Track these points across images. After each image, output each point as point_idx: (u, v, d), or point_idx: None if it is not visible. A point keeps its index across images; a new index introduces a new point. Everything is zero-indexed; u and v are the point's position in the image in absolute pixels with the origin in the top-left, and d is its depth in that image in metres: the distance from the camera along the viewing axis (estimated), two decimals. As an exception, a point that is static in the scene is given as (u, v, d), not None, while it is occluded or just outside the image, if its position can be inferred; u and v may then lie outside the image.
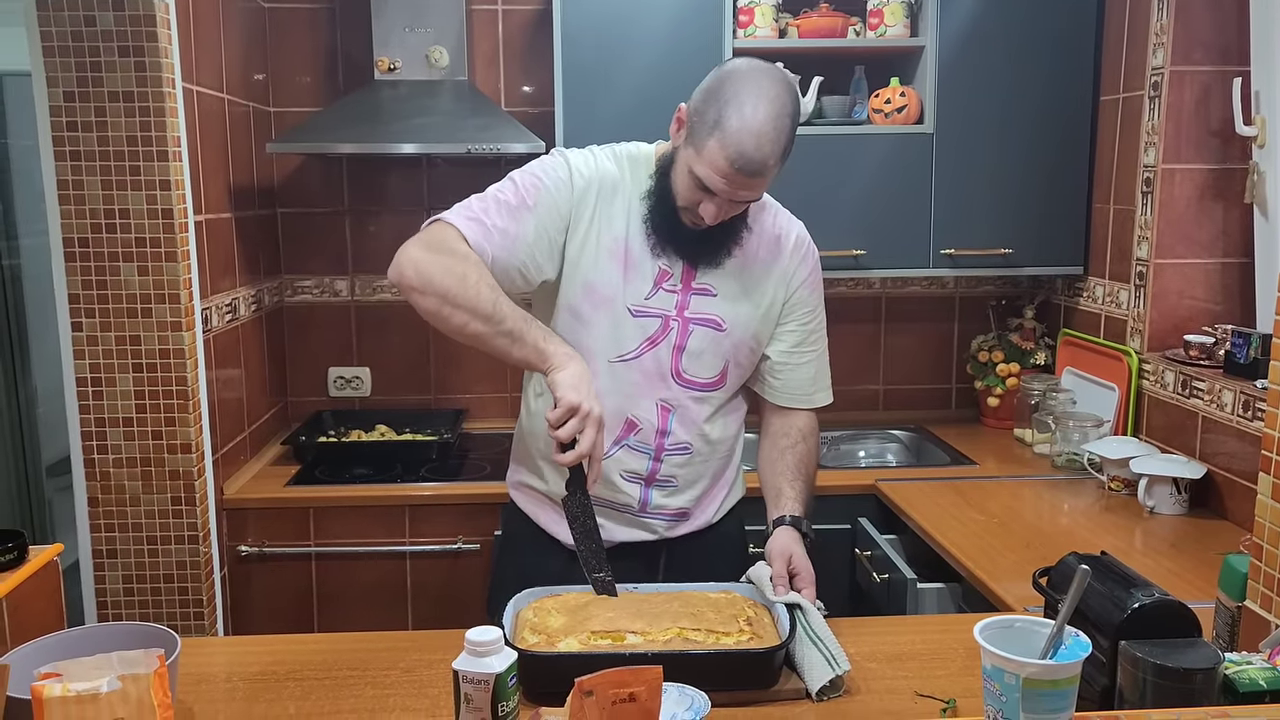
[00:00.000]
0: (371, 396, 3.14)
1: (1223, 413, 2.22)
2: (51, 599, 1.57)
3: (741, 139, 1.45)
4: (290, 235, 3.08)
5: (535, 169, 1.64)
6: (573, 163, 1.64)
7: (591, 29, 2.65)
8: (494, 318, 1.49)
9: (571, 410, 1.45)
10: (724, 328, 1.66)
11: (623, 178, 1.65)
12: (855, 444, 3.05)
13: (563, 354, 1.50)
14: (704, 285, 1.66)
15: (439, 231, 1.55)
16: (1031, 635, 1.14)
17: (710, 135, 1.47)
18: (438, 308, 1.50)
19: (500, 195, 1.61)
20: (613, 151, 1.68)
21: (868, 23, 2.78)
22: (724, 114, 1.46)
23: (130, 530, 2.30)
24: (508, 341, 1.50)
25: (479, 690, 1.19)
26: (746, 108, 1.46)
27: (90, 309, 2.22)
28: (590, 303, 1.63)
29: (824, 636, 1.43)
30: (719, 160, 1.47)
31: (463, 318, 1.49)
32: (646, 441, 1.68)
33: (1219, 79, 2.40)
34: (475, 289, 1.48)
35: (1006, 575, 1.90)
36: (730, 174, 1.48)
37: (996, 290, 3.17)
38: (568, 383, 1.47)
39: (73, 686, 1.06)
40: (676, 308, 1.65)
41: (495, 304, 1.49)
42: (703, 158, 1.49)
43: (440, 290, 1.49)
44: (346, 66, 3.01)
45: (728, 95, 1.47)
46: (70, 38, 2.14)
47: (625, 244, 1.63)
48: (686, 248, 1.63)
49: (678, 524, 1.76)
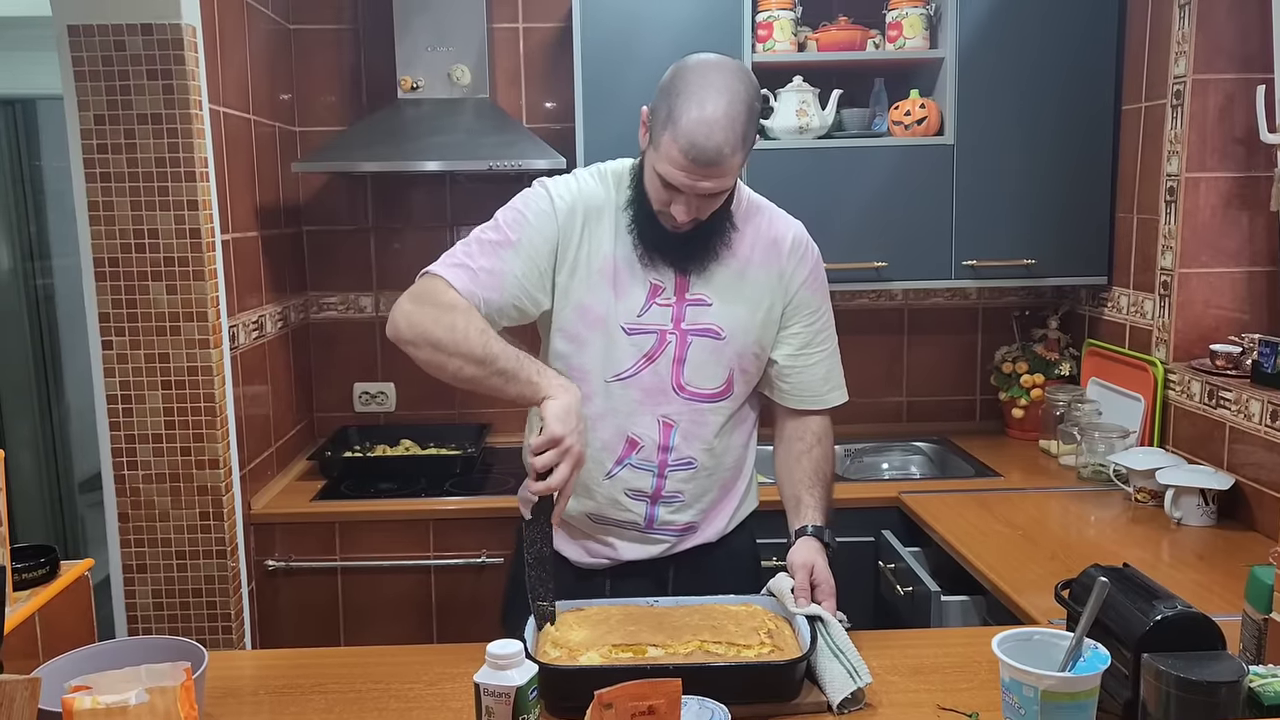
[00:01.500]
0: (396, 412, 3.17)
1: (1250, 423, 2.20)
2: (83, 613, 1.59)
3: (692, 129, 1.46)
4: (315, 253, 3.12)
5: (517, 203, 1.66)
6: (553, 191, 1.65)
7: (611, 46, 2.67)
8: (486, 360, 1.51)
9: (554, 441, 1.44)
10: (723, 336, 1.66)
11: (608, 195, 1.65)
12: (879, 456, 3.04)
13: (556, 385, 1.50)
14: (699, 295, 1.65)
15: (428, 284, 1.58)
16: (1051, 648, 1.14)
17: (664, 130, 1.49)
18: (431, 356, 1.53)
19: (483, 236, 1.63)
20: (597, 170, 1.69)
21: (886, 35, 2.79)
22: (674, 108, 1.48)
23: (160, 545, 2.33)
24: (502, 380, 1.52)
25: (500, 703, 1.20)
26: (693, 100, 1.47)
27: (120, 327, 2.26)
28: (584, 324, 1.64)
29: (845, 649, 1.43)
30: (674, 153, 1.48)
31: (456, 364, 1.52)
32: (649, 459, 1.67)
33: (1242, 87, 2.38)
34: (464, 334, 1.51)
35: (1031, 588, 1.88)
36: (687, 166, 1.48)
37: (1020, 301, 3.16)
38: (556, 413, 1.46)
39: (102, 699, 1.08)
40: (673, 321, 1.65)
41: (486, 346, 1.51)
42: (660, 154, 1.51)
43: (432, 340, 1.52)
44: (370, 86, 3.05)
45: (678, 89, 1.49)
46: (100, 62, 2.19)
47: (614, 262, 1.63)
48: (674, 255, 1.63)
49: (685, 538, 1.75)
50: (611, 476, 1.67)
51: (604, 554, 1.73)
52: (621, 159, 1.72)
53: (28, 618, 1.43)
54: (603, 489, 1.68)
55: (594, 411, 1.64)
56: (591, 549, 1.74)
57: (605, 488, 1.68)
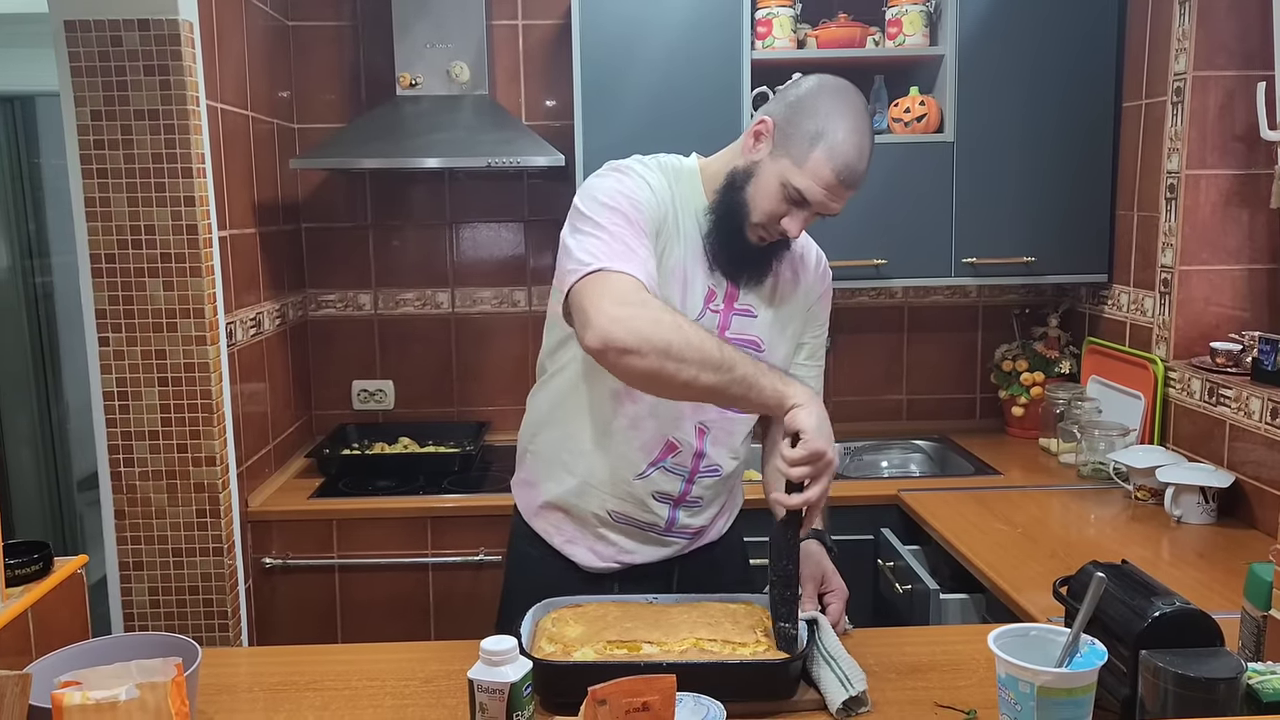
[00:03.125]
0: (395, 409, 3.17)
1: (1251, 420, 2.19)
2: (76, 610, 1.59)
3: (848, 151, 1.47)
4: (314, 250, 3.11)
5: (624, 189, 1.52)
6: (650, 182, 1.56)
7: (610, 43, 2.66)
8: (724, 365, 1.36)
9: (816, 455, 1.36)
10: (763, 348, 1.64)
11: (672, 192, 1.60)
12: (878, 454, 3.04)
13: (804, 392, 1.40)
14: (745, 306, 1.64)
15: (616, 283, 1.39)
16: (1047, 644, 1.13)
17: (814, 147, 1.48)
18: (659, 365, 1.34)
19: (615, 226, 1.46)
20: (658, 163, 1.62)
21: (886, 32, 2.78)
22: (826, 127, 1.48)
23: (156, 543, 2.33)
24: (742, 389, 1.38)
25: (494, 699, 1.20)
26: (845, 121, 1.48)
27: (117, 324, 2.26)
28: None
29: (838, 656, 1.42)
30: (824, 172, 1.48)
31: (690, 371, 1.35)
32: (683, 464, 1.66)
33: (1243, 84, 2.38)
34: (698, 338, 1.36)
35: (1030, 586, 1.88)
36: (834, 185, 1.49)
37: (1020, 299, 3.15)
38: (813, 425, 1.36)
39: (92, 695, 1.07)
40: (719, 329, 1.62)
41: (721, 350, 1.37)
42: (805, 170, 1.49)
43: (659, 346, 1.33)
44: (369, 83, 3.04)
45: (827, 108, 1.49)
46: (97, 58, 2.18)
47: (684, 263, 1.59)
48: (736, 265, 1.60)
49: (694, 540, 1.76)
50: (644, 477, 1.65)
51: (613, 557, 1.72)
52: (672, 156, 1.65)
53: (20, 614, 1.43)
54: (633, 489, 1.66)
55: (642, 411, 1.62)
56: (601, 552, 1.72)
57: (635, 488, 1.66)
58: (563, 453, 1.71)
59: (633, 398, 1.60)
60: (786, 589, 1.42)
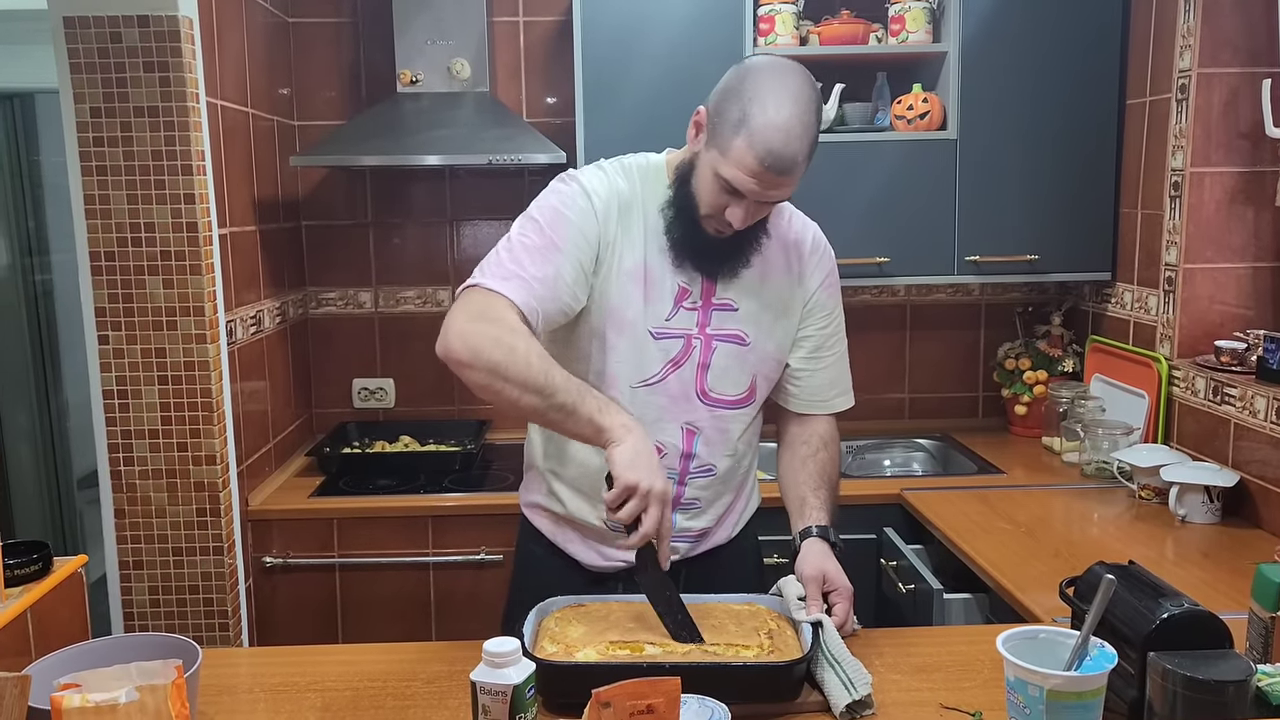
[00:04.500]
0: (395, 408, 3.16)
1: (1256, 419, 2.18)
2: (76, 610, 1.58)
3: (770, 135, 1.40)
4: (314, 248, 3.10)
5: (553, 202, 1.56)
6: (589, 187, 1.56)
7: (611, 40, 2.65)
8: (545, 390, 1.40)
9: (630, 490, 1.37)
10: (748, 342, 1.62)
11: (634, 192, 1.59)
12: (880, 453, 3.02)
13: (619, 426, 1.41)
14: (725, 300, 1.61)
15: (481, 299, 1.47)
16: (1056, 646, 1.12)
17: (736, 134, 1.42)
18: (488, 381, 1.41)
19: (526, 241, 1.52)
20: (621, 165, 1.62)
21: (889, 29, 2.77)
22: (749, 111, 1.41)
23: (156, 542, 2.32)
24: (561, 415, 1.42)
25: (496, 702, 1.19)
26: (771, 104, 1.41)
27: (116, 322, 2.24)
28: (614, 328, 1.58)
29: (841, 659, 1.40)
30: (747, 159, 1.42)
31: (514, 391, 1.41)
32: (671, 466, 1.63)
33: (1248, 81, 2.36)
34: (525, 360, 1.40)
35: (1034, 586, 1.87)
36: (760, 173, 1.42)
37: (1023, 297, 3.14)
38: (624, 460, 1.38)
39: (91, 697, 1.06)
40: (698, 326, 1.60)
41: (548, 375, 1.41)
42: (729, 158, 1.44)
43: (489, 364, 1.40)
44: (369, 80, 3.03)
45: (751, 92, 1.43)
46: (96, 54, 2.17)
47: (644, 264, 1.57)
48: (706, 260, 1.57)
49: (697, 544, 1.72)
50: None
51: (618, 557, 1.70)
52: (644, 154, 1.65)
53: (20, 614, 1.42)
54: None
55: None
56: (606, 553, 1.70)
57: None
58: (554, 463, 1.71)
59: None
60: (677, 614, 1.44)
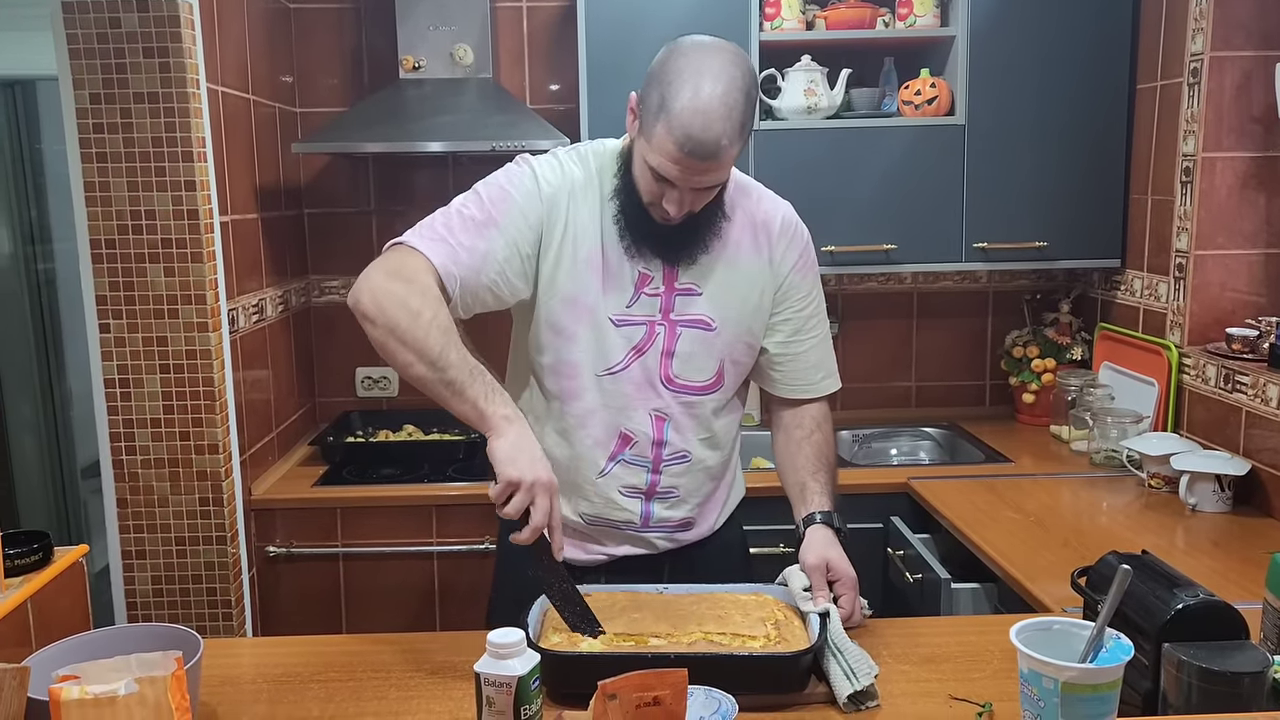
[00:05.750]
0: (399, 397, 3.14)
1: (1267, 407, 2.16)
2: (77, 600, 1.57)
3: (688, 120, 1.36)
4: (317, 235, 3.08)
5: (501, 180, 1.55)
6: (538, 171, 1.54)
7: (615, 25, 2.63)
8: (438, 364, 1.39)
9: (512, 485, 1.36)
10: (714, 327, 1.59)
11: (590, 179, 1.55)
12: (887, 442, 3.01)
13: (499, 418, 1.40)
14: (688, 285, 1.58)
15: (401, 257, 1.47)
16: (1070, 638, 1.10)
17: (657, 120, 1.38)
18: (385, 340, 1.41)
19: (465, 210, 1.52)
20: (578, 153, 1.58)
21: (897, 13, 2.74)
22: (667, 96, 1.37)
23: (159, 531, 2.31)
24: (448, 392, 1.41)
25: (501, 693, 1.17)
26: (688, 87, 1.36)
27: (118, 310, 2.23)
28: (571, 316, 1.55)
29: (845, 649, 1.38)
30: (668, 146, 1.38)
31: (408, 356, 1.40)
32: (643, 454, 1.61)
33: (1261, 64, 2.33)
34: (425, 329, 1.39)
35: (1043, 575, 1.85)
36: (682, 159, 1.38)
37: (1031, 284, 3.12)
38: (503, 455, 1.37)
39: (90, 689, 1.05)
40: (661, 311, 1.57)
41: (443, 349, 1.39)
42: (653, 146, 1.40)
43: (390, 323, 1.40)
44: (371, 66, 3.01)
45: (670, 76, 1.39)
46: (96, 40, 2.15)
47: (601, 251, 1.54)
48: (662, 245, 1.54)
49: (680, 535, 1.69)
50: (605, 474, 1.61)
51: (600, 551, 1.68)
52: (603, 140, 1.62)
53: (20, 605, 1.40)
54: (597, 487, 1.62)
55: (586, 407, 1.58)
56: (588, 547, 1.68)
57: (600, 486, 1.62)
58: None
59: (574, 395, 1.57)
60: (575, 606, 1.43)
